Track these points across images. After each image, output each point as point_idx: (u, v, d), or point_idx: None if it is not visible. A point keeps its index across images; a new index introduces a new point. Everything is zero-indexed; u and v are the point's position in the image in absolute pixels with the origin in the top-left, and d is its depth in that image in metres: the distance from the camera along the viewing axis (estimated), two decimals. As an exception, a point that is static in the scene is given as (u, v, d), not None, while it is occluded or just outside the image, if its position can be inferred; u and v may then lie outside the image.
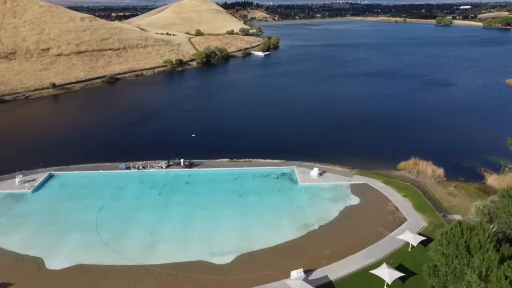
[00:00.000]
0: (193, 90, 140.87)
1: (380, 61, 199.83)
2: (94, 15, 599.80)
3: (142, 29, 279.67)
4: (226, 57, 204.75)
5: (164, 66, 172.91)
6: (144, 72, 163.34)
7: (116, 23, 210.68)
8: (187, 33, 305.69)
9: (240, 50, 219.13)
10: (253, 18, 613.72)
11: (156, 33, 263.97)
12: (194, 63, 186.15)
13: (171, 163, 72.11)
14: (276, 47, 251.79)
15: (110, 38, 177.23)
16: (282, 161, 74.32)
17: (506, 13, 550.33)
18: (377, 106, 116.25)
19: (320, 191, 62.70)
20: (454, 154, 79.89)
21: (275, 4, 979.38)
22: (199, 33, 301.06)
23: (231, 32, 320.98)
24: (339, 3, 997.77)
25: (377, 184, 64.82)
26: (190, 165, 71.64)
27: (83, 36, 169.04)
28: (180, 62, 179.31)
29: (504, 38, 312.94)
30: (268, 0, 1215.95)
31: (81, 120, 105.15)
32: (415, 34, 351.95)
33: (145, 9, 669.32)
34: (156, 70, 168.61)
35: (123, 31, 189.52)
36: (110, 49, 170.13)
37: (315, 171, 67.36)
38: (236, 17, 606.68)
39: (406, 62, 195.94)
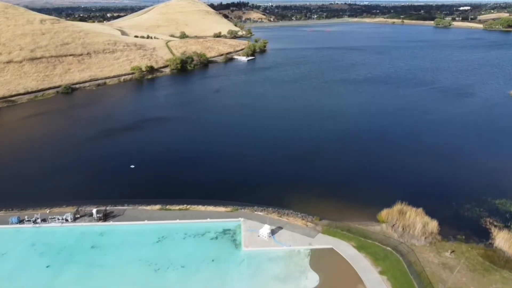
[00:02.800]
0: (152, 104, 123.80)
1: (373, 67, 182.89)
2: (89, 16, 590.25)
3: (122, 31, 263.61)
4: (205, 63, 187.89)
5: (131, 73, 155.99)
6: (107, 80, 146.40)
7: (83, 26, 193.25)
8: (172, 35, 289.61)
9: (222, 54, 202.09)
10: (248, 19, 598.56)
11: (136, 36, 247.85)
12: (167, 70, 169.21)
13: (79, 214, 55.15)
14: (263, 51, 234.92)
15: (72, 42, 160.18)
16: (228, 209, 57.37)
17: (507, 15, 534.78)
18: (362, 124, 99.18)
19: (267, 263, 45.82)
20: (452, 196, 62.96)
21: (273, 5, 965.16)
22: (183, 36, 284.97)
23: (218, 34, 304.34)
24: (337, 3, 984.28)
25: (346, 250, 47.92)
26: (106, 217, 54.69)
27: (41, 41, 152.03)
28: (151, 69, 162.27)
29: (506, 41, 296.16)
30: (267, 1, 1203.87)
31: None
32: (412, 36, 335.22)
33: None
34: (122, 78, 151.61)
35: (89, 35, 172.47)
36: (71, 55, 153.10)
37: (266, 229, 50.48)
38: (230, 18, 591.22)
39: (401, 68, 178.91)
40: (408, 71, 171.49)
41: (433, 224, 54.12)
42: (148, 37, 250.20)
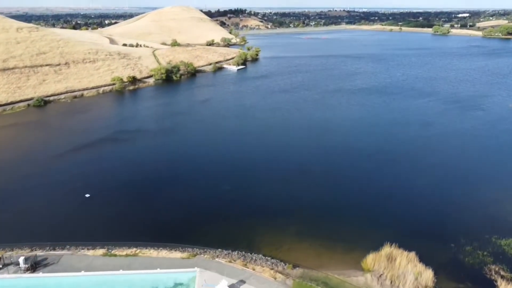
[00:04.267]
0: (128, 117, 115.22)
1: (368, 76, 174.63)
2: (87, 23, 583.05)
3: (111, 39, 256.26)
4: (193, 72, 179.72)
5: (112, 84, 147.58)
6: (85, 92, 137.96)
7: (64, 34, 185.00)
8: (163, 43, 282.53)
9: (211, 63, 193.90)
10: (245, 26, 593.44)
11: (124, 44, 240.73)
12: (151, 80, 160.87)
13: (3, 263, 46.10)
14: (255, 59, 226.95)
15: (50, 51, 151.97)
16: (185, 254, 48.38)
17: (506, 22, 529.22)
18: (351, 143, 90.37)
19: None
20: (450, 234, 54.02)
21: (271, 12, 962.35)
22: (175, 44, 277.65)
23: (210, 42, 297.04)
24: (336, 10, 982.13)
25: (320, 315, 38.90)
26: (36, 266, 45.67)
27: (15, 50, 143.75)
28: (133, 80, 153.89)
29: (506, 49, 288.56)
30: (266, 8, 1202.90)
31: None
32: (410, 44, 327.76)
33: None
34: (101, 89, 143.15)
35: (69, 43, 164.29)
36: (47, 65, 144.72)
37: (223, 286, 41.50)
38: (227, 25, 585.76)
39: (398, 78, 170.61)
40: (405, 82, 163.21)
41: (428, 274, 45.25)
42: (137, 45, 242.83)
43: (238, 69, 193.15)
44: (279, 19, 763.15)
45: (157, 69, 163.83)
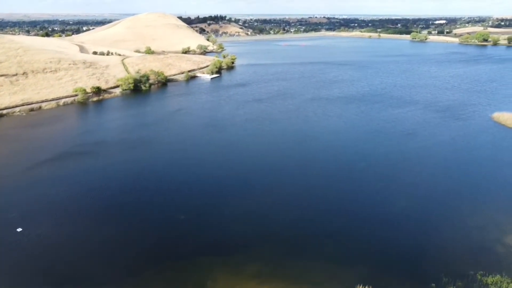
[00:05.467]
0: (84, 132, 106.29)
1: (346, 85, 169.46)
2: (64, 30, 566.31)
3: (81, 47, 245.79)
4: (164, 82, 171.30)
5: (74, 95, 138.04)
6: (43, 104, 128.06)
7: (24, 41, 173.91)
8: (137, 50, 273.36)
9: (183, 72, 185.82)
10: (225, 33, 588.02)
11: (95, 52, 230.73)
12: (118, 91, 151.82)
13: None
14: (230, 67, 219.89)
15: (6, 61, 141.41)
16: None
17: (481, 28, 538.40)
18: (322, 160, 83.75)
19: None
20: (429, 271, 47.42)
21: (252, 19, 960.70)
22: (149, 51, 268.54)
23: (186, 50, 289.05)
24: (316, 17, 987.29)
25: None
26: None
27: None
28: (98, 90, 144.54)
29: (483, 55, 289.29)
30: (247, 14, 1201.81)
31: None
32: (389, 51, 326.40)
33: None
34: (62, 101, 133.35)
35: (29, 52, 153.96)
36: (2, 75, 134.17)
37: None
38: (207, 32, 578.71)
39: (376, 86, 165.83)
40: (384, 90, 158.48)
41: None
42: (108, 53, 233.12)
43: (212, 78, 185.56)
44: (260, 25, 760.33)
45: (125, 78, 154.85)
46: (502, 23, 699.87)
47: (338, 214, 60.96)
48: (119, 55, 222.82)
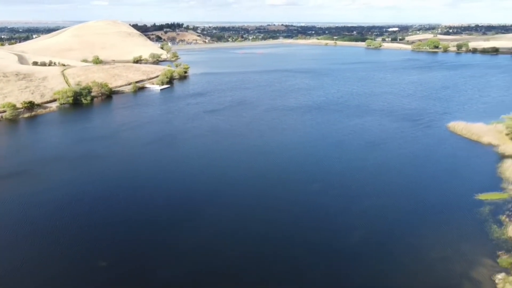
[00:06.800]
0: (4, 156, 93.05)
1: (302, 94, 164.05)
2: (12, 37, 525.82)
3: (21, 57, 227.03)
4: (109, 94, 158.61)
5: (2, 112, 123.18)
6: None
7: None
8: (85, 60, 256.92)
9: (131, 83, 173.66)
10: (182, 41, 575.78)
11: (35, 62, 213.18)
12: (54, 105, 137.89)
13: None
14: (183, 77, 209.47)
15: None
16: None
17: (431, 36, 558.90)
18: (269, 183, 75.99)
19: None
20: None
21: (211, 26, 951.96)
22: (97, 60, 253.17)
23: (138, 59, 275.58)
24: (274, 25, 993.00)
25: None
26: None
27: None
28: (30, 105, 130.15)
29: (435, 62, 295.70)
30: (207, 22, 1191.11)
31: None
32: (345, 58, 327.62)
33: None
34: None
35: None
36: None
37: None
38: (163, 39, 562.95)
39: (333, 95, 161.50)
40: (341, 99, 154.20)
41: None
42: (50, 63, 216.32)
43: (161, 89, 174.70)
44: (219, 33, 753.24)
45: (62, 91, 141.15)
46: (450, 31, 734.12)
47: (286, 249, 52.96)
48: (64, 65, 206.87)
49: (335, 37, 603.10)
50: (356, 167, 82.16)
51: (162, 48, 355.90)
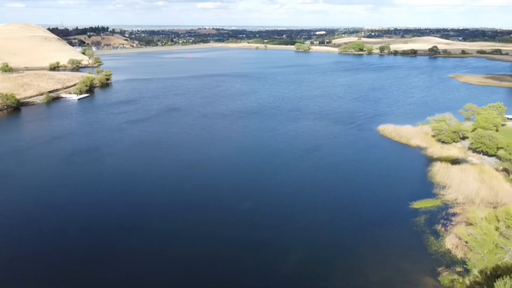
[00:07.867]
0: None
1: (232, 99, 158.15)
2: None
3: None
4: (16, 106, 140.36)
5: None
6: None
7: None
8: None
9: (43, 93, 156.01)
10: (108, 45, 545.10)
11: None
12: None
13: None
14: (105, 84, 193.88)
15: None
16: None
17: (356, 39, 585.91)
18: (193, 208, 68.74)
19: None
20: None
21: (140, 30, 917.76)
22: (6, 68, 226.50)
23: (55, 65, 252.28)
24: (205, 28, 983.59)
25: None
26: None
27: None
28: None
29: (361, 64, 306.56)
30: (135, 26, 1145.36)
31: None
32: (275, 62, 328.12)
33: None
34: None
35: None
36: None
37: None
38: (87, 44, 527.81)
39: (264, 100, 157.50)
40: (273, 104, 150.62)
41: None
42: None
43: (79, 98, 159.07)
44: (148, 37, 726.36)
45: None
46: (373, 34, 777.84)
47: (212, 279, 45.99)
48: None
49: (265, 40, 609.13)
50: (290, 180, 77.34)
51: (83, 53, 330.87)
